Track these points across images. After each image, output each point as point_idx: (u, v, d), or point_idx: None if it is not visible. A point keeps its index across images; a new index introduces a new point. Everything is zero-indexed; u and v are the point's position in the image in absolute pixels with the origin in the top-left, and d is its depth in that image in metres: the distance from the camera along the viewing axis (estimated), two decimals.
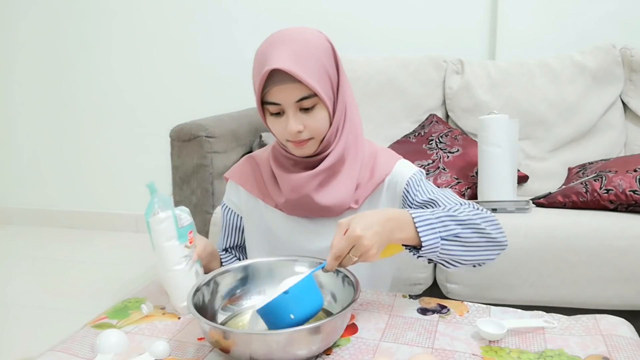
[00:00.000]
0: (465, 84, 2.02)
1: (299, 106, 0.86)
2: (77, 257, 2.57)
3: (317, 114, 0.88)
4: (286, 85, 0.84)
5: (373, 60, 2.13)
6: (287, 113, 0.87)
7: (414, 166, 1.00)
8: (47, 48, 2.84)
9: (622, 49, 1.95)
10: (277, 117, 0.89)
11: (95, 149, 2.91)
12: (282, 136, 0.90)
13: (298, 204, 0.95)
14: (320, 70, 0.86)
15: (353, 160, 0.96)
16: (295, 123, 0.87)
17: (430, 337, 0.77)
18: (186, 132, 1.69)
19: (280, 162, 0.97)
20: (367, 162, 0.98)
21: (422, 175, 0.98)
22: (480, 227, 0.84)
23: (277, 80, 0.84)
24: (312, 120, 0.88)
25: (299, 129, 0.87)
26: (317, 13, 2.42)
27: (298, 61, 0.84)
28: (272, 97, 0.86)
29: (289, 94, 0.85)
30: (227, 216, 1.09)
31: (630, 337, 0.76)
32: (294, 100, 0.86)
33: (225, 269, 0.87)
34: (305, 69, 0.84)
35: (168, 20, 2.64)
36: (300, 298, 0.72)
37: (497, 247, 0.88)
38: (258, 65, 0.88)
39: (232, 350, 0.69)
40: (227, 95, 2.57)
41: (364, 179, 0.97)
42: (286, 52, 0.84)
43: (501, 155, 1.60)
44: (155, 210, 0.84)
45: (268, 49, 0.86)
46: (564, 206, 1.55)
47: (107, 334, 0.77)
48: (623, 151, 1.93)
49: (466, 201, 0.92)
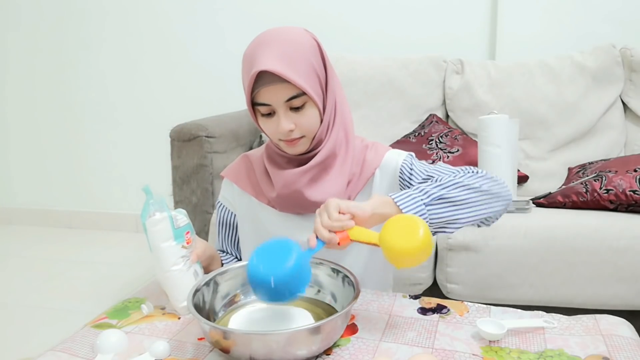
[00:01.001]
0: (465, 84, 2.02)
1: (289, 105, 0.87)
2: (77, 257, 2.57)
3: (307, 112, 0.89)
4: (275, 86, 0.85)
5: (373, 60, 2.13)
6: (278, 113, 0.88)
7: (402, 152, 1.00)
8: (47, 48, 2.84)
9: (622, 49, 1.95)
10: (268, 117, 0.90)
11: (95, 149, 2.91)
12: (275, 136, 0.92)
13: (289, 200, 0.96)
14: (307, 68, 0.87)
15: (344, 156, 0.97)
16: (286, 122, 0.88)
17: (430, 337, 0.77)
18: (186, 132, 1.70)
19: (274, 160, 0.98)
20: (358, 158, 0.99)
21: (412, 159, 0.98)
22: (470, 185, 0.85)
23: (265, 82, 0.85)
24: (302, 118, 0.89)
25: (290, 128, 0.88)
26: (317, 13, 2.42)
27: (285, 61, 0.84)
28: (262, 98, 0.87)
29: (278, 94, 0.86)
30: (222, 214, 1.09)
31: (630, 337, 0.76)
32: (284, 100, 0.87)
33: (225, 269, 0.87)
34: (293, 69, 0.85)
35: (168, 20, 2.65)
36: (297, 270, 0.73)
37: (498, 199, 0.88)
38: (246, 68, 0.88)
39: (232, 350, 0.69)
40: (227, 95, 2.57)
41: (355, 175, 0.98)
42: (273, 53, 0.85)
43: (501, 155, 1.60)
44: (151, 212, 0.84)
45: (255, 50, 0.87)
46: (564, 206, 1.55)
47: (107, 334, 0.77)
48: (623, 151, 1.93)
49: (462, 168, 0.92)
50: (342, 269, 0.85)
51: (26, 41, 2.87)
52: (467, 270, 1.44)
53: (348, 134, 0.97)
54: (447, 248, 1.45)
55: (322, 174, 0.95)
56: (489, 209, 0.87)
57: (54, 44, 2.83)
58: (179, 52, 2.67)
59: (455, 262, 1.45)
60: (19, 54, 2.89)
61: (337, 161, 0.96)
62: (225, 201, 1.09)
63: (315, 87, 0.89)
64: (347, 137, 0.97)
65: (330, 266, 0.87)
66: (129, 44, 2.73)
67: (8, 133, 3.03)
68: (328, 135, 0.94)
